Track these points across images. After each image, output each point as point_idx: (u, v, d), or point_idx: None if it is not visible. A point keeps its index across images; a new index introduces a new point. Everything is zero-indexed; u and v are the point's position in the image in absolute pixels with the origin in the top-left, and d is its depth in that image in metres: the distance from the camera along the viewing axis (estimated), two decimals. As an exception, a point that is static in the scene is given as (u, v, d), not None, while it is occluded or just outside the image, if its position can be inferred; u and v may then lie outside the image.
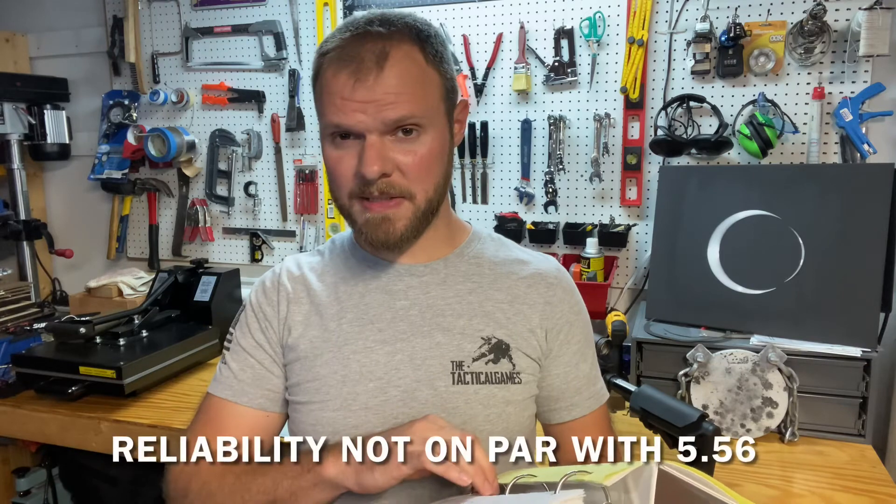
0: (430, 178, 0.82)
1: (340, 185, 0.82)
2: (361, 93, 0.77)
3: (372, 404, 0.84)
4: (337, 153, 0.81)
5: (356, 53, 0.78)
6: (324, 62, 0.80)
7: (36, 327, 1.75)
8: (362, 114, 0.77)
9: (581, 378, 0.94)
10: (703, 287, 1.50)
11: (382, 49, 0.77)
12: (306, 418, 0.86)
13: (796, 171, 1.52)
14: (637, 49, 1.69)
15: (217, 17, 2.11)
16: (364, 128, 0.78)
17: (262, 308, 0.92)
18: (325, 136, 0.83)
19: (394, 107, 0.77)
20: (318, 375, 0.86)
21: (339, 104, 0.78)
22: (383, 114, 0.77)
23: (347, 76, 0.77)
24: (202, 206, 2.21)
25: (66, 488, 1.89)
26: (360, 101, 0.77)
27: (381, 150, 0.78)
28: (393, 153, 0.79)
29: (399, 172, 0.80)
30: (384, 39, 0.78)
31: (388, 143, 0.79)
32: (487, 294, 0.89)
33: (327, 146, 0.83)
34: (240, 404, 0.90)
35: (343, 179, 0.82)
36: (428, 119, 0.80)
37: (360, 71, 0.77)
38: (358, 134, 0.79)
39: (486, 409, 0.85)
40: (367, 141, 0.78)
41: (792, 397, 1.31)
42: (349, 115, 0.78)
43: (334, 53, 0.79)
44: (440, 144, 0.83)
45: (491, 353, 0.86)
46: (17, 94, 2.15)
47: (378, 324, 0.87)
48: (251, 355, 0.91)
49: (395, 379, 0.85)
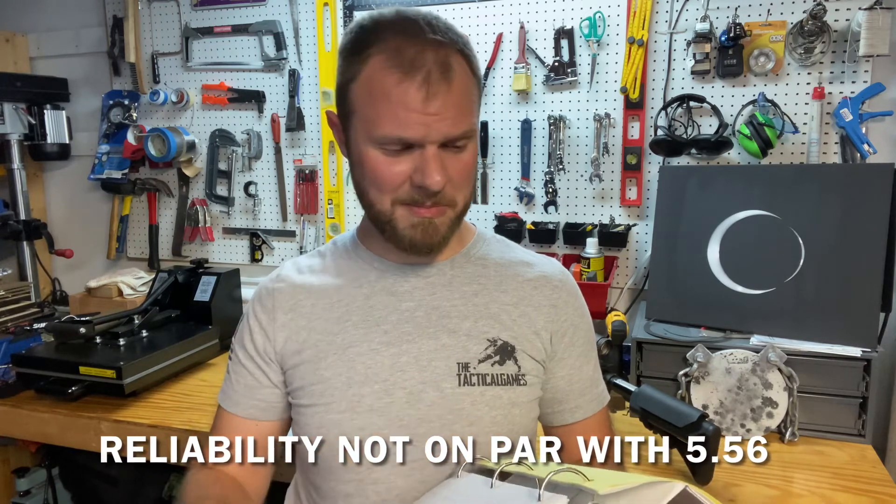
0: (470, 185, 0.84)
1: (385, 191, 0.80)
2: (434, 106, 0.75)
3: (377, 406, 0.84)
4: (387, 159, 0.79)
5: (420, 62, 0.75)
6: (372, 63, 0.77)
7: (36, 327, 1.75)
8: (427, 127, 0.76)
9: (585, 380, 0.94)
10: (703, 287, 1.50)
11: (445, 59, 0.76)
12: (311, 421, 0.86)
13: (796, 171, 1.52)
14: (637, 49, 1.69)
15: (217, 17, 2.11)
16: (428, 140, 0.77)
17: (257, 317, 0.92)
18: (373, 142, 0.79)
19: (455, 122, 0.77)
20: (322, 378, 0.86)
21: (404, 116, 0.75)
22: (446, 129, 0.76)
23: (418, 87, 0.74)
24: (202, 206, 2.21)
25: (66, 488, 1.89)
26: (427, 114, 0.75)
27: (442, 162, 0.78)
28: (448, 165, 0.79)
29: (449, 183, 0.80)
30: (444, 48, 0.77)
31: (443, 155, 0.78)
32: (493, 296, 0.89)
33: (373, 151, 0.79)
34: (233, 414, 0.92)
35: (390, 185, 0.80)
36: (475, 131, 0.82)
37: (430, 83, 0.75)
38: (416, 145, 0.77)
39: (492, 410, 0.85)
40: (429, 152, 0.77)
41: (792, 397, 1.31)
42: (414, 128, 0.76)
43: (391, 55, 0.76)
44: (477, 150, 0.84)
45: (496, 354, 0.86)
46: (17, 94, 2.15)
47: (384, 325, 0.87)
48: (244, 366, 0.92)
49: (401, 381, 0.84)
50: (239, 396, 0.92)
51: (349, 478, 0.84)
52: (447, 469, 0.82)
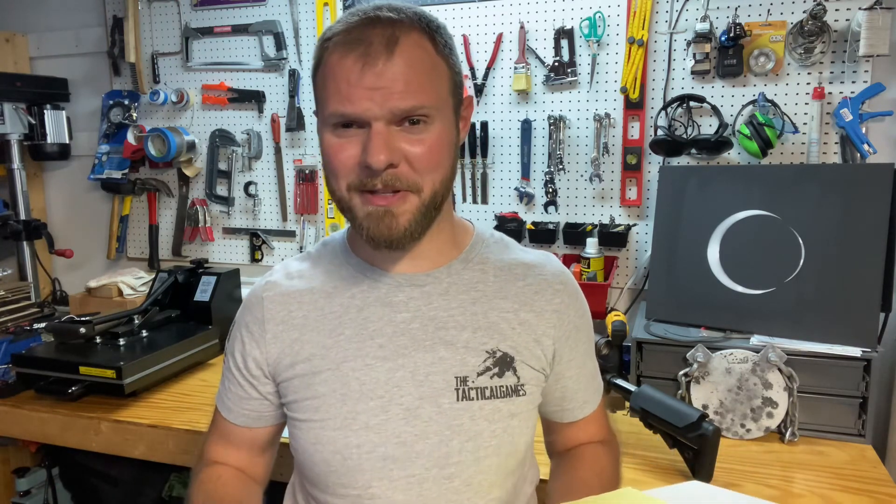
0: (439, 170, 0.78)
1: (339, 176, 0.77)
2: (370, 78, 0.72)
3: (373, 423, 0.82)
4: (338, 141, 0.76)
5: (364, 37, 0.73)
6: (328, 46, 0.76)
7: (36, 327, 1.76)
8: (369, 101, 0.72)
9: (588, 376, 0.95)
10: (703, 287, 1.50)
11: (392, 34, 0.73)
12: (307, 436, 0.84)
13: (796, 171, 1.52)
14: (637, 49, 1.69)
15: (217, 17, 2.11)
16: (371, 116, 0.73)
17: (249, 328, 0.90)
18: (326, 125, 0.78)
19: (403, 95, 0.73)
20: (316, 393, 0.84)
21: (345, 90, 0.73)
22: (392, 102, 0.73)
23: (354, 60, 0.73)
24: (202, 206, 2.21)
25: (66, 488, 1.89)
26: (367, 88, 0.72)
27: (387, 139, 0.74)
28: (400, 143, 0.75)
29: (407, 163, 0.75)
30: (394, 25, 0.74)
31: (394, 133, 0.74)
32: (492, 303, 0.86)
33: (327, 134, 0.78)
34: (228, 420, 0.93)
35: (343, 170, 0.77)
36: (437, 110, 0.76)
37: (369, 55, 0.72)
38: (362, 123, 0.74)
39: (492, 424, 0.83)
40: (373, 129, 0.73)
41: (792, 397, 1.31)
42: (356, 103, 0.73)
43: (340, 37, 0.75)
44: (448, 136, 0.79)
45: (496, 366, 0.84)
46: (17, 94, 2.15)
47: (378, 339, 0.84)
48: (234, 376, 0.91)
49: (397, 396, 0.82)
50: (231, 403, 0.92)
51: (346, 493, 0.83)
52: (445, 483, 0.82)
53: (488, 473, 0.84)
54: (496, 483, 0.85)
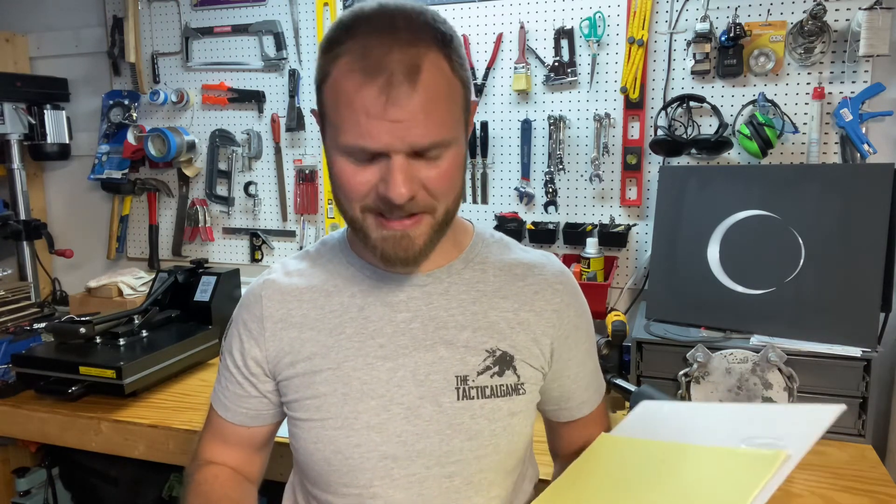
0: (452, 191, 0.77)
1: (352, 199, 0.75)
2: (392, 112, 0.69)
3: (374, 423, 0.82)
4: (353, 167, 0.74)
5: (383, 64, 0.69)
6: (340, 65, 0.72)
7: (36, 327, 1.76)
8: (389, 136, 0.70)
9: (588, 376, 0.95)
10: (703, 287, 1.50)
11: (413, 60, 0.70)
12: (307, 435, 0.84)
13: (796, 171, 1.52)
14: (637, 49, 1.69)
15: (217, 17, 2.11)
16: (392, 150, 0.71)
17: (247, 326, 0.89)
18: (338, 149, 0.75)
19: (424, 133, 0.71)
20: (317, 393, 0.84)
21: (365, 124, 0.70)
22: (412, 139, 0.70)
23: (377, 92, 0.69)
24: (202, 206, 2.21)
25: (66, 488, 1.89)
26: (389, 121, 0.69)
27: (408, 172, 0.72)
28: (418, 173, 0.73)
29: (424, 189, 0.74)
30: (413, 47, 0.70)
31: (413, 163, 0.72)
32: (492, 303, 0.86)
33: (339, 158, 0.75)
34: (225, 419, 0.93)
35: (356, 194, 0.75)
36: (453, 135, 0.74)
37: (391, 86, 0.69)
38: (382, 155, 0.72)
39: (492, 423, 0.83)
40: (395, 163, 0.71)
41: (792, 397, 1.31)
42: (376, 138, 0.70)
43: (356, 59, 0.70)
44: (461, 155, 0.77)
45: (496, 365, 0.84)
46: (17, 94, 2.15)
47: (379, 339, 0.84)
48: (232, 374, 0.91)
49: (398, 396, 0.82)
50: (228, 402, 0.92)
51: (347, 492, 0.83)
52: (446, 481, 0.82)
53: (488, 472, 0.84)
54: (496, 481, 0.85)
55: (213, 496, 0.87)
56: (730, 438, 0.72)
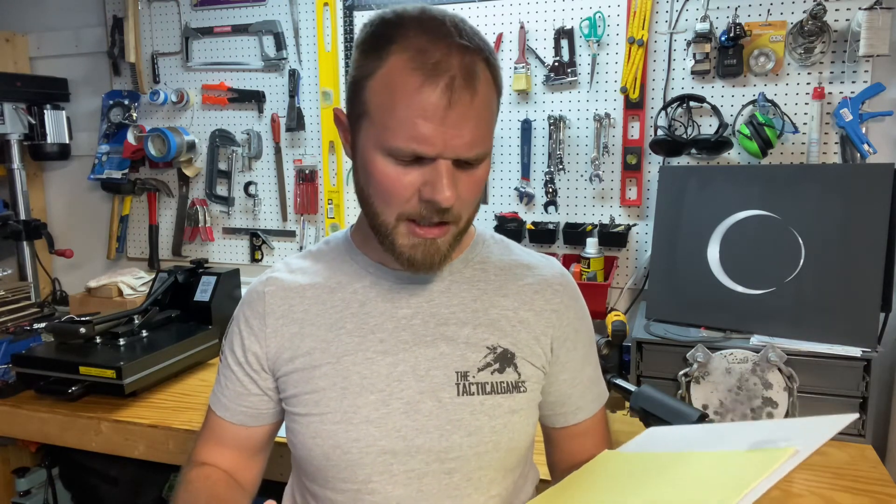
0: (478, 201, 0.81)
1: (392, 205, 0.76)
2: (453, 117, 0.70)
3: (374, 417, 0.82)
4: (396, 170, 0.74)
5: (446, 65, 0.69)
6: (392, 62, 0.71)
7: (36, 327, 1.75)
8: (443, 142, 0.71)
9: (586, 382, 0.94)
10: (703, 287, 1.50)
11: (471, 67, 0.71)
12: (306, 430, 0.84)
13: (796, 171, 1.52)
14: (637, 49, 1.69)
15: (217, 17, 2.11)
16: (438, 154, 0.72)
17: (249, 322, 0.89)
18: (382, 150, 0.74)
19: (471, 145, 0.72)
20: (316, 387, 0.84)
21: (422, 127, 0.70)
22: (461, 148, 0.72)
23: (440, 94, 0.69)
24: (202, 206, 2.21)
25: (66, 488, 1.89)
26: (445, 127, 0.70)
27: (453, 179, 0.73)
28: (459, 181, 0.75)
29: (459, 199, 0.76)
30: (471, 54, 0.71)
31: (455, 170, 0.74)
32: (493, 301, 0.87)
33: (382, 158, 0.74)
34: (223, 419, 0.92)
35: (398, 199, 0.75)
36: (490, 148, 0.78)
37: (454, 90, 0.69)
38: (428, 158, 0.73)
39: (492, 420, 0.83)
40: (442, 167, 0.72)
41: (792, 397, 1.31)
42: (430, 143, 0.71)
43: (414, 55, 0.70)
44: (489, 166, 0.81)
45: (496, 362, 0.84)
46: (17, 94, 2.15)
47: (379, 333, 0.84)
48: (233, 372, 0.91)
49: (398, 391, 0.82)
50: (228, 401, 0.91)
51: (345, 487, 0.83)
52: (445, 478, 0.82)
53: (489, 469, 0.84)
54: (496, 480, 0.85)
55: (204, 494, 0.86)
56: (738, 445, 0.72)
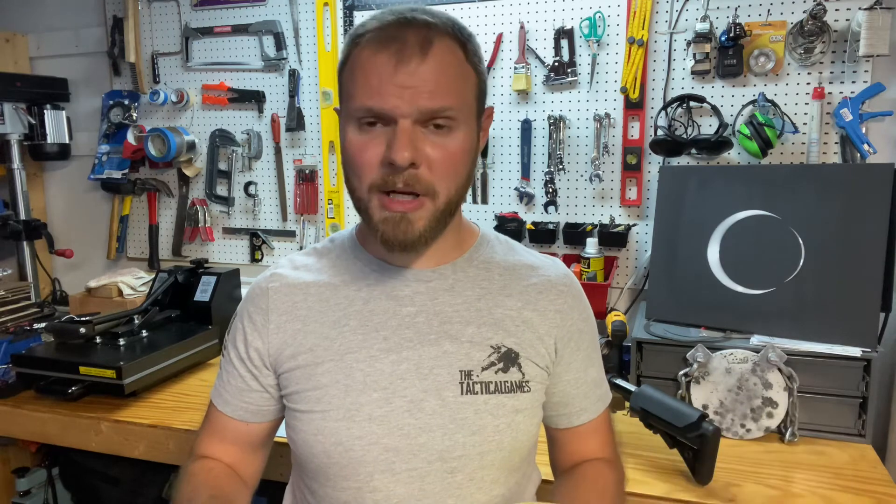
0: (455, 177, 0.79)
1: (362, 175, 0.78)
2: (402, 76, 0.73)
3: (376, 415, 0.81)
4: (362, 139, 0.77)
5: (399, 35, 0.75)
6: (360, 42, 0.77)
7: (36, 327, 1.75)
8: (398, 98, 0.74)
9: (589, 383, 0.94)
10: (703, 287, 1.50)
11: (426, 36, 0.75)
12: (307, 427, 0.84)
13: (796, 171, 1.52)
14: (637, 49, 1.69)
15: (217, 17, 2.11)
16: (398, 113, 0.74)
17: (252, 318, 0.89)
18: (351, 120, 0.78)
19: (432, 95, 0.74)
20: (319, 384, 0.84)
21: (376, 85, 0.74)
22: (421, 101, 0.74)
23: (388, 56, 0.74)
24: (202, 206, 2.21)
25: (66, 488, 1.89)
26: (398, 85, 0.73)
27: (412, 138, 0.75)
28: (424, 144, 0.76)
29: (427, 166, 0.76)
30: (429, 27, 0.76)
31: (419, 133, 0.75)
32: (497, 300, 0.87)
33: (351, 131, 0.78)
34: (224, 414, 0.92)
35: (366, 168, 0.77)
36: (462, 115, 0.78)
37: (403, 53, 0.74)
38: (389, 120, 0.75)
39: (496, 419, 0.83)
40: (400, 126, 0.74)
41: (792, 397, 1.31)
42: (385, 99, 0.74)
43: (373, 34, 0.76)
44: (470, 144, 0.80)
45: (500, 361, 0.84)
46: (17, 94, 2.14)
47: (383, 331, 0.84)
48: (235, 367, 0.91)
49: (401, 388, 0.82)
50: (229, 396, 0.91)
51: (346, 485, 0.82)
52: (448, 477, 0.82)
53: (491, 469, 0.83)
54: (499, 480, 0.85)
55: (205, 486, 0.86)
56: None
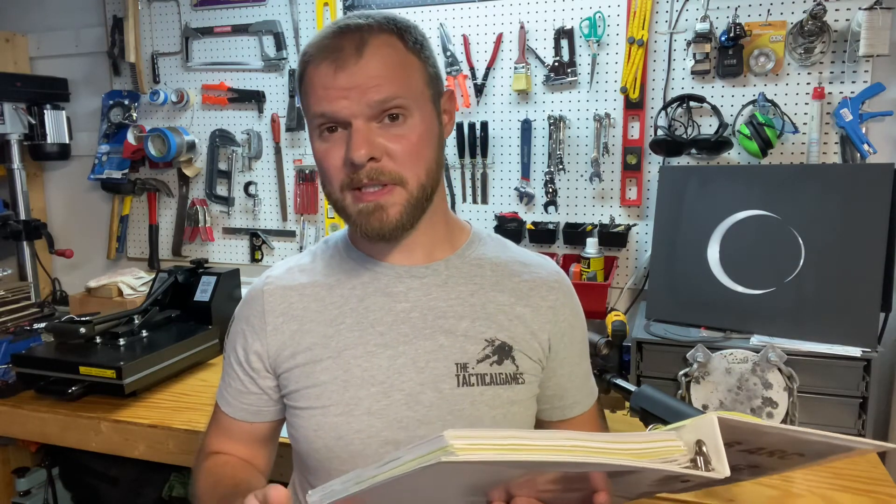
0: (421, 163, 0.82)
1: (331, 178, 0.82)
2: (343, 79, 0.77)
3: (375, 409, 0.83)
4: (324, 146, 0.81)
5: (336, 45, 0.79)
6: (308, 60, 0.81)
7: (36, 327, 1.75)
8: (346, 100, 0.77)
9: (581, 376, 0.96)
10: (703, 287, 1.50)
11: (361, 38, 0.79)
12: (307, 423, 0.85)
13: (796, 171, 1.52)
14: (637, 49, 1.69)
15: (217, 17, 2.11)
16: (349, 113, 0.78)
17: (249, 321, 0.91)
18: (313, 130, 0.82)
19: (377, 89, 0.77)
20: (318, 381, 0.85)
21: (322, 93, 0.79)
22: (367, 97, 0.77)
23: (328, 65, 0.78)
24: (202, 206, 2.21)
25: (66, 488, 1.89)
26: (342, 88, 0.77)
27: (367, 135, 0.78)
28: (380, 138, 0.79)
29: (388, 157, 0.79)
30: (361, 30, 0.79)
31: (374, 129, 0.79)
32: (489, 296, 0.89)
33: (315, 141, 0.83)
34: (227, 414, 0.94)
35: (333, 171, 0.81)
36: (413, 102, 0.80)
37: (340, 59, 0.78)
38: (344, 123, 0.79)
39: (492, 410, 0.84)
40: (354, 126, 0.78)
41: (792, 397, 1.31)
42: (333, 103, 0.78)
43: (314, 50, 0.81)
44: (428, 129, 0.83)
45: (494, 354, 0.86)
46: (17, 94, 2.15)
47: (379, 327, 0.86)
48: (234, 370, 0.92)
49: (399, 383, 0.84)
50: (231, 398, 0.93)
51: None
52: None
53: None
54: None
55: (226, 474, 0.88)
56: None
